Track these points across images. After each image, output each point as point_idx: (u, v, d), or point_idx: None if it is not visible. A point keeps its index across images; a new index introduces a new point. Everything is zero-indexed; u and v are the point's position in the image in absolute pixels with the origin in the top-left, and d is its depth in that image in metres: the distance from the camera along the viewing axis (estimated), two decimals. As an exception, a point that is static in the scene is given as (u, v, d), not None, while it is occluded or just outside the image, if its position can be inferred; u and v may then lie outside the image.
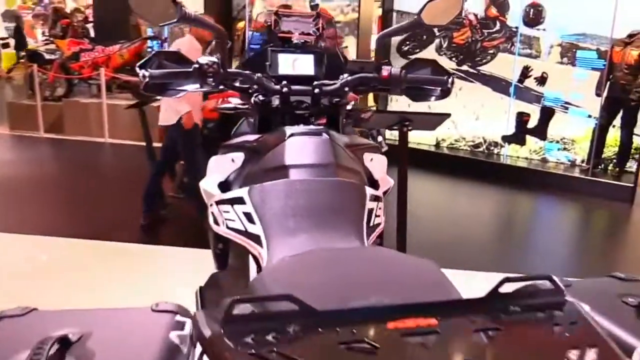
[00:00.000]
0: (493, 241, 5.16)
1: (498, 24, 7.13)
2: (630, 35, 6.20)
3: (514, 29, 7.02)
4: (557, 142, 6.94)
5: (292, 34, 1.79)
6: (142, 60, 1.53)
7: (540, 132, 6.98)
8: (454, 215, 5.73)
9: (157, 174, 4.81)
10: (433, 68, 1.79)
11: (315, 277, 1.12)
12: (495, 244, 5.06)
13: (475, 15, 7.26)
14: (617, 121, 6.50)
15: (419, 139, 7.43)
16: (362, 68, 1.77)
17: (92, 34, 10.38)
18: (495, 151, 7.38)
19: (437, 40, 7.58)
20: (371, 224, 1.48)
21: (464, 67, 7.43)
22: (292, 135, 1.52)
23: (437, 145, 7.72)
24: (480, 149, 7.47)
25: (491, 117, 7.32)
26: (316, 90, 1.68)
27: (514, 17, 6.99)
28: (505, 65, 7.15)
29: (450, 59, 7.49)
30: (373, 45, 7.61)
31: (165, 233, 4.81)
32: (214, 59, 1.57)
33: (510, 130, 7.21)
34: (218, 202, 1.57)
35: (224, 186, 1.62)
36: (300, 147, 1.51)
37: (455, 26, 7.33)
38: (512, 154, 7.26)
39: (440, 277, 1.12)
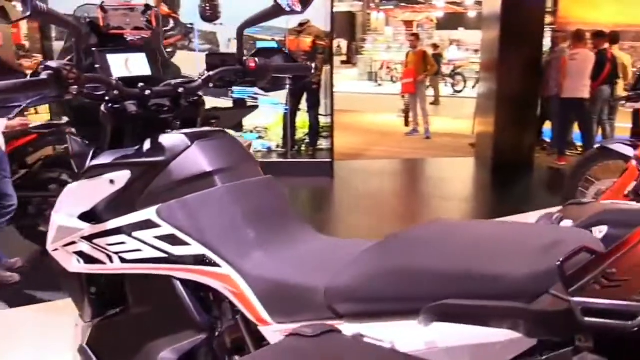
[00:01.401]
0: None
1: (172, 22, 6.95)
2: (301, 24, 6.72)
3: (190, 25, 6.95)
4: (252, 131, 7.18)
5: (124, 29, 1.56)
6: None
7: (236, 124, 7.12)
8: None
9: None
10: (283, 55, 1.80)
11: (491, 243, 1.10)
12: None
13: (146, 14, 6.95)
14: (303, 105, 7.03)
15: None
16: (224, 61, 1.66)
17: None
18: (192, 150, 7.27)
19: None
20: None
21: (145, 68, 7.07)
22: (193, 139, 1.39)
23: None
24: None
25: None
26: (180, 90, 1.52)
27: (188, 14, 6.90)
28: (187, 62, 7.01)
29: (127, 61, 7.03)
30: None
31: None
32: (67, 62, 1.35)
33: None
34: (92, 237, 1.38)
35: (89, 218, 1.41)
36: (212, 150, 1.40)
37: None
38: (210, 150, 7.25)
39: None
